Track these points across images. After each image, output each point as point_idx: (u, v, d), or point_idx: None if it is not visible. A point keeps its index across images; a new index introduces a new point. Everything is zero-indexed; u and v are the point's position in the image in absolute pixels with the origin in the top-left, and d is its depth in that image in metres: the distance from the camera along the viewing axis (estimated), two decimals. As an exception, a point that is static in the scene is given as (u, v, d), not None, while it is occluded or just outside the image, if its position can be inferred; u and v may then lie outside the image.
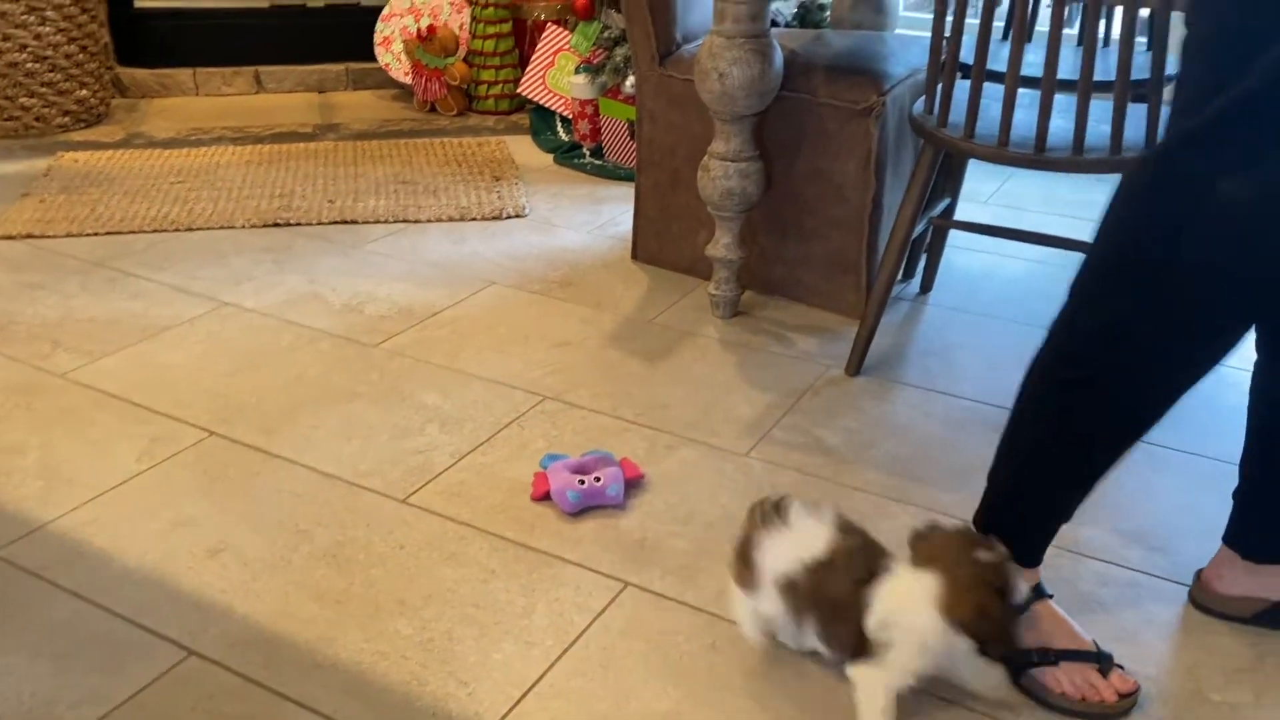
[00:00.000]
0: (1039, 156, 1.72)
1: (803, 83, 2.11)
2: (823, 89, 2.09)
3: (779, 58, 2.03)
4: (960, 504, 1.65)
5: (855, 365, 2.02)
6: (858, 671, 1.22)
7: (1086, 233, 2.81)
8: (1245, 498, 1.40)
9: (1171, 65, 2.18)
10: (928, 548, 1.21)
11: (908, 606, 1.17)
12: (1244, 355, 2.08)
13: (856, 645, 1.21)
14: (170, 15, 3.64)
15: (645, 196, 2.44)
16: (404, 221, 2.70)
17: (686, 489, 1.68)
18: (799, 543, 1.24)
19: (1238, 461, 1.43)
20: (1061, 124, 1.79)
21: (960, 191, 2.29)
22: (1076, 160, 1.71)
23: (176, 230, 2.62)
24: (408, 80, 3.54)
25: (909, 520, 1.60)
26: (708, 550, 1.54)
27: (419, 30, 3.45)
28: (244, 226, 2.65)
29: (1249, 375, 1.42)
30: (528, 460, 1.74)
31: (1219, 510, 1.44)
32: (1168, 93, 2.31)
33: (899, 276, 2.29)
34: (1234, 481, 1.43)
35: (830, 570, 1.22)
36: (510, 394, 1.94)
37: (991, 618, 1.14)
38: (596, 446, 1.77)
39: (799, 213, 2.20)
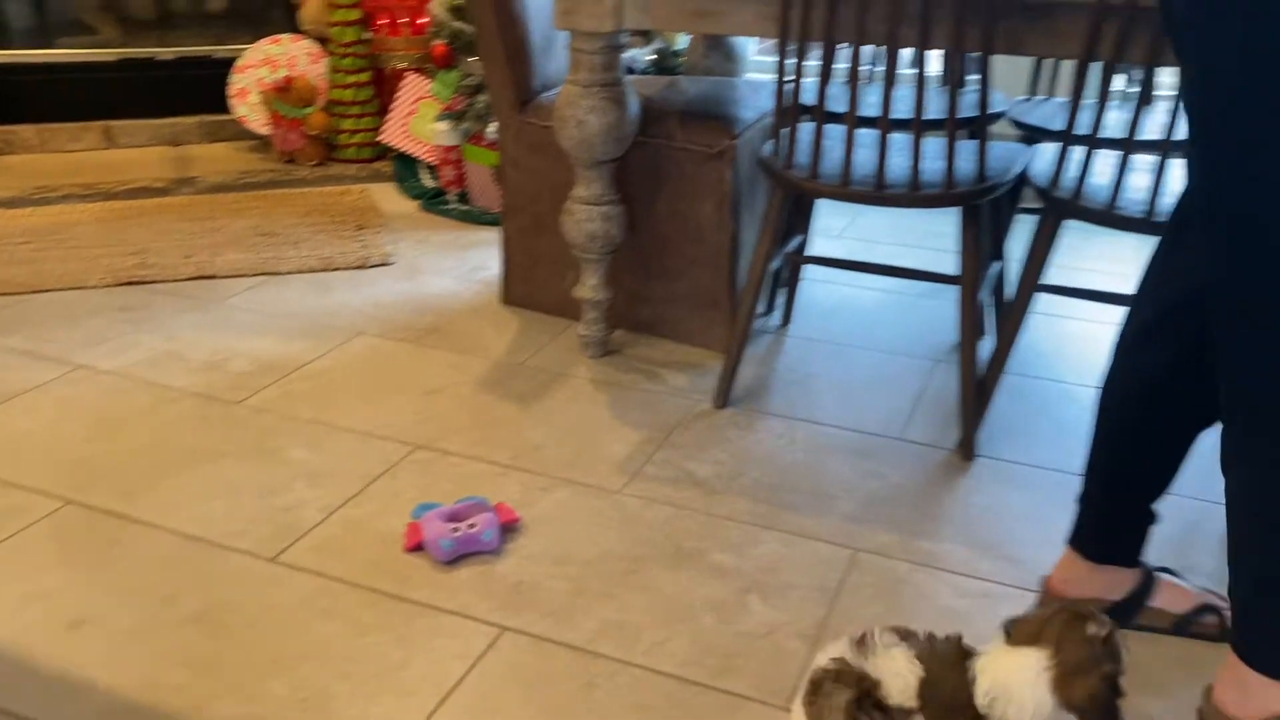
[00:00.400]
0: (879, 193, 1.82)
1: (659, 128, 2.18)
2: (678, 134, 2.17)
3: (635, 104, 2.09)
4: (825, 527, 1.71)
5: (722, 398, 2.08)
6: None
7: (931, 263, 2.96)
8: (1088, 503, 1.50)
9: (1000, 103, 2.33)
10: (1030, 625, 1.18)
11: (1015, 684, 1.14)
12: (1081, 371, 2.23)
13: None
14: (8, 70, 3.51)
15: (512, 241, 2.47)
16: (266, 274, 2.65)
17: (562, 530, 1.70)
18: (897, 678, 1.18)
19: (1074, 471, 1.53)
20: (899, 161, 1.90)
21: (812, 228, 2.39)
22: (914, 195, 1.81)
23: (23, 293, 2.52)
24: (265, 131, 3.50)
25: (779, 546, 1.67)
26: (585, 589, 1.56)
27: (276, 81, 3.42)
28: (97, 286, 2.56)
29: (1084, 389, 1.52)
30: (400, 511, 1.73)
31: (1059, 518, 1.54)
32: (997, 128, 2.47)
33: (760, 311, 2.37)
34: (1071, 491, 1.53)
35: (932, 684, 1.17)
36: (381, 445, 1.93)
37: (1104, 701, 1.12)
38: (470, 493, 1.77)
39: (662, 253, 2.27)
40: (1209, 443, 1.34)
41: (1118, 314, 2.51)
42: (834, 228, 3.06)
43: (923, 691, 1.17)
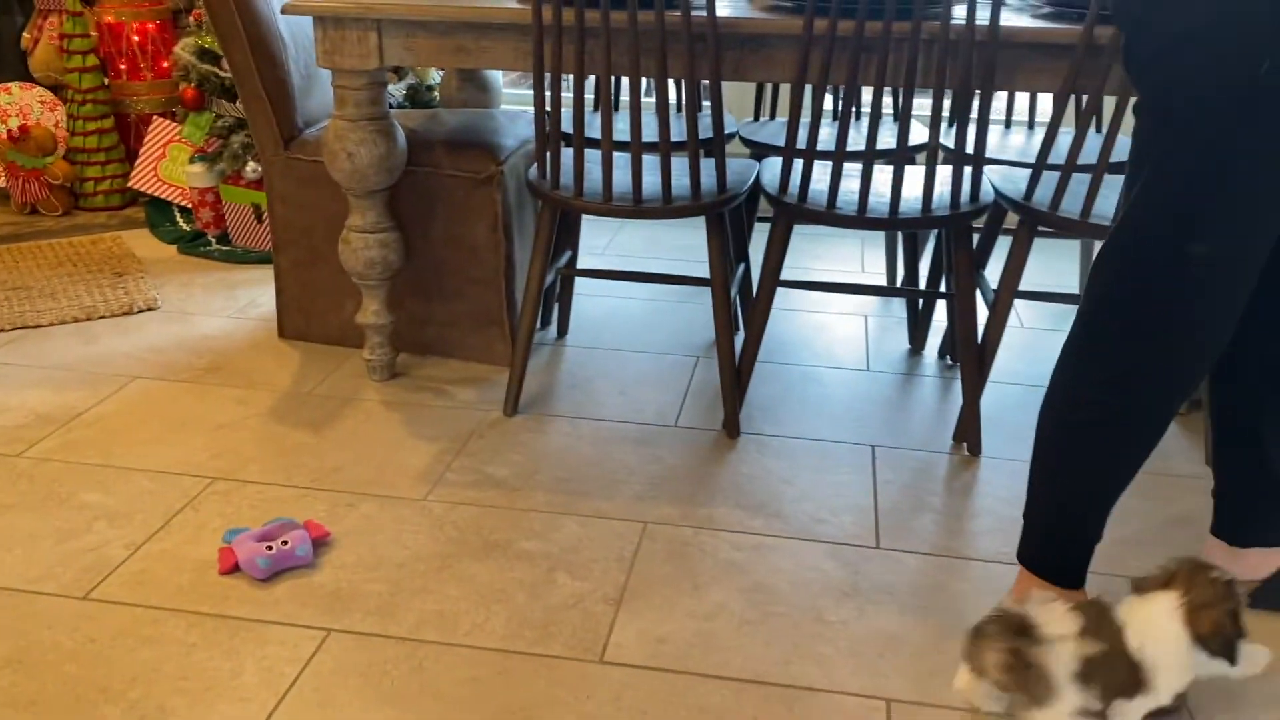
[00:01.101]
0: (638, 207, 2.03)
1: (428, 157, 2.31)
2: (446, 162, 2.31)
3: (401, 136, 2.21)
4: (617, 507, 1.90)
5: (512, 406, 2.23)
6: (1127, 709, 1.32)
7: (685, 270, 3.23)
8: (1222, 489, 1.60)
9: (731, 124, 2.61)
10: (1159, 577, 1.34)
11: (1157, 624, 1.29)
12: (821, 355, 2.54)
13: (1129, 683, 1.31)
14: None
15: (286, 275, 2.52)
16: (23, 328, 2.56)
17: (373, 539, 1.80)
18: (1059, 634, 1.31)
19: (822, 438, 1.78)
20: (651, 179, 2.12)
21: (579, 244, 2.59)
22: (668, 208, 2.04)
23: None
24: (2, 184, 3.33)
25: (579, 529, 1.83)
26: (402, 588, 1.67)
27: (9, 131, 3.27)
28: None
29: (825, 370, 1.77)
30: (208, 539, 1.77)
31: (814, 478, 1.78)
32: (732, 146, 2.77)
33: (539, 324, 2.54)
34: (822, 456, 1.78)
35: (1086, 639, 1.30)
36: (177, 480, 1.94)
37: (1227, 632, 1.28)
38: (277, 516, 1.83)
39: (441, 275, 2.39)
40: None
41: (849, 303, 2.86)
42: (597, 245, 3.27)
43: (1082, 638, 1.30)
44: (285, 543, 1.70)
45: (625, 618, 1.62)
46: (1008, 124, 2.72)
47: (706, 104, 2.81)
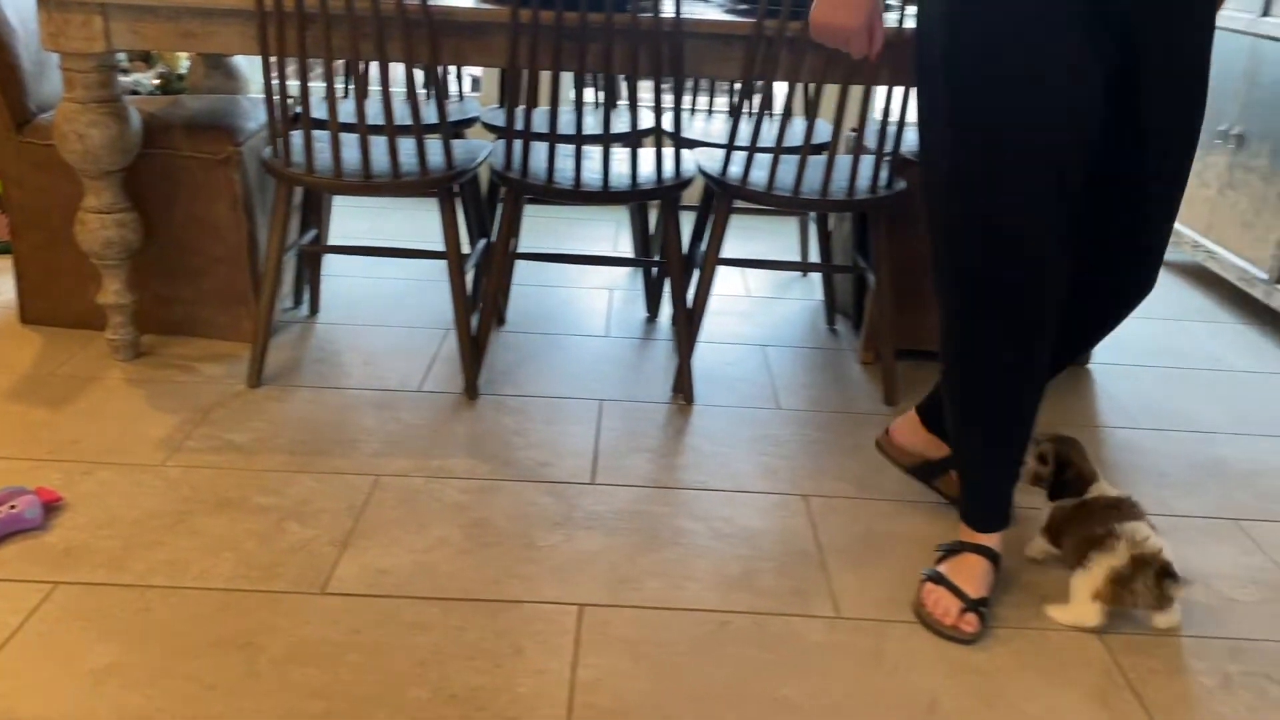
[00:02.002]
0: (368, 183, 2.17)
1: (165, 139, 2.37)
2: (184, 144, 2.37)
3: (136, 118, 2.27)
4: (353, 464, 2.03)
5: (255, 378, 2.32)
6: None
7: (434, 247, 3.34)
8: (938, 389, 1.89)
9: (474, 109, 2.77)
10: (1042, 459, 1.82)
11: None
12: (560, 324, 2.73)
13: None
14: None
15: (25, 260, 2.51)
16: None
17: (107, 502, 1.86)
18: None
19: (557, 395, 1.96)
20: (381, 157, 2.26)
21: (329, 224, 2.69)
22: (396, 183, 2.18)
23: None
24: None
25: (313, 484, 1.95)
26: (134, 544, 1.75)
27: None
28: None
29: (563, 337, 1.94)
30: (-66, 511, 1.79)
31: (543, 428, 1.96)
32: (478, 130, 2.93)
33: (289, 305, 2.63)
34: (554, 410, 1.96)
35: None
36: (-97, 460, 1.94)
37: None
38: (6, 485, 1.87)
39: (184, 255, 2.45)
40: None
41: (598, 278, 3.08)
42: (357, 230, 3.37)
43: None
44: (13, 507, 1.75)
45: (350, 556, 1.75)
46: (743, 113, 2.99)
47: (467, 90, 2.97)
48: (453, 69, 3.01)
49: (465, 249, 2.74)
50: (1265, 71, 2.93)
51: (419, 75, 2.92)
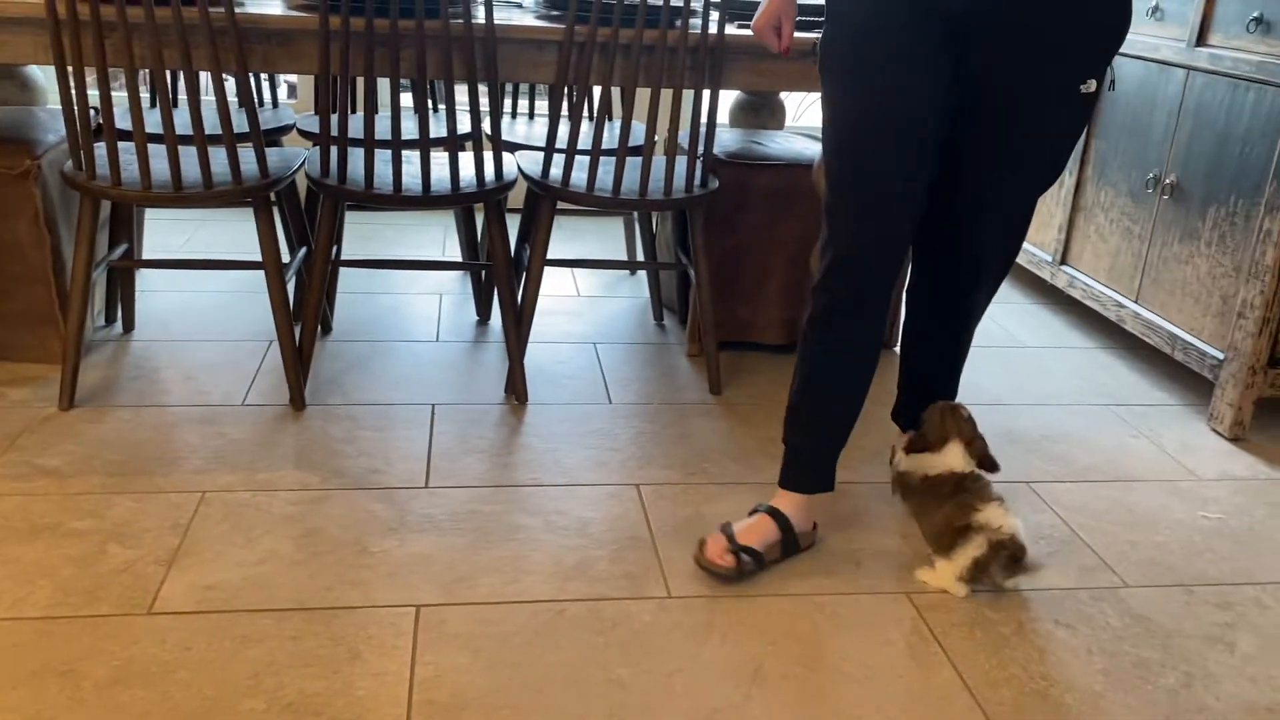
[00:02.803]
0: (179, 194, 2.11)
1: (-47, 155, 2.24)
2: (-25, 159, 2.25)
3: (-81, 133, 2.14)
4: (175, 482, 1.98)
5: (67, 400, 2.23)
6: None
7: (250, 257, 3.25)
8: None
9: (289, 117, 2.73)
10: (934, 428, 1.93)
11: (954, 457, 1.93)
12: (388, 330, 2.73)
13: None
14: None
15: None
16: None
17: (-95, 538, 1.76)
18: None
19: (386, 402, 1.95)
20: (191, 167, 2.21)
21: (141, 239, 2.60)
22: (208, 194, 2.13)
23: None
24: None
25: (134, 504, 1.90)
26: (-63, 578, 1.66)
27: None
28: None
29: (389, 344, 1.94)
30: None
31: (372, 436, 1.95)
32: (295, 137, 2.88)
33: (103, 320, 2.53)
34: (384, 419, 1.96)
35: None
36: None
37: (988, 451, 1.95)
38: None
39: (-20, 276, 2.33)
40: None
41: (426, 283, 3.07)
42: (173, 245, 3.26)
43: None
44: None
45: (176, 574, 1.72)
46: (564, 118, 3.04)
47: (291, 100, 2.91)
48: (266, 77, 2.96)
49: (286, 258, 2.70)
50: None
51: (230, 83, 2.85)
